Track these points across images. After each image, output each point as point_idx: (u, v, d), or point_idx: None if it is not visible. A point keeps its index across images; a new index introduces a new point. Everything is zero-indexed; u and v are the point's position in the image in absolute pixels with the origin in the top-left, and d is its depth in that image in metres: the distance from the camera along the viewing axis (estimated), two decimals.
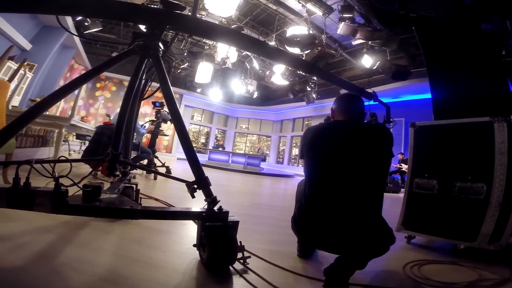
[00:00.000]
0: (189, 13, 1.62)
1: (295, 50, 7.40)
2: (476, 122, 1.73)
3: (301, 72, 8.54)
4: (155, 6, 5.35)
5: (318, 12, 7.06)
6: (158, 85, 1.42)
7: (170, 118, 4.28)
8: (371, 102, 2.00)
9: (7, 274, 0.87)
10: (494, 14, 4.62)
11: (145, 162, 4.24)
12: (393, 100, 10.58)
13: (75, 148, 7.34)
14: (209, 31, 1.72)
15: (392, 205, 4.88)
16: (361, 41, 7.11)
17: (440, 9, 5.36)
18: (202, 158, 10.49)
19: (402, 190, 6.07)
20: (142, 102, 1.91)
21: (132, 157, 3.23)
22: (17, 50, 6.32)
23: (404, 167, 7.95)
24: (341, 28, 6.61)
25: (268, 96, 15.77)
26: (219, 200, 1.19)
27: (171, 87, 1.34)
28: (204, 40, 10.06)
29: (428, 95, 2.45)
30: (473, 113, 1.80)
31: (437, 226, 1.77)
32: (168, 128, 5.02)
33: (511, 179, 1.52)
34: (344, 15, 6.50)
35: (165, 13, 1.34)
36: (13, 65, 5.49)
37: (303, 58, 7.61)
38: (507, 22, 4.33)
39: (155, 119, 4.84)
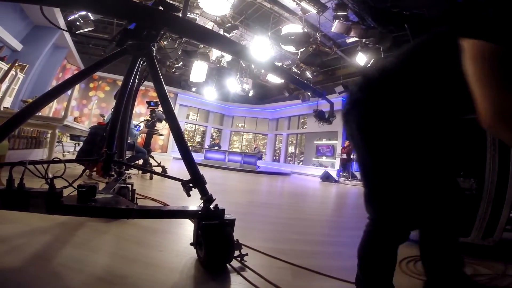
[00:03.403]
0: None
1: (290, 48, 7.42)
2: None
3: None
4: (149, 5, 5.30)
5: (312, 10, 7.08)
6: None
7: (165, 117, 4.27)
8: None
9: (4, 275, 0.87)
10: (485, 12, 4.69)
11: (140, 162, 4.22)
12: None
13: (69, 149, 7.25)
14: (207, 36, 1.73)
15: None
16: (355, 39, 7.15)
17: (432, 7, 5.41)
18: (198, 157, 10.47)
19: None
20: (136, 101, 1.90)
21: (127, 157, 3.20)
22: (7, 50, 6.22)
23: None
24: (335, 26, 6.65)
25: (264, 95, 15.77)
26: (215, 198, 1.19)
27: (165, 86, 1.34)
28: None
29: None
30: None
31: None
32: (163, 127, 5.00)
33: (502, 175, 1.55)
34: (338, 13, 6.53)
35: (164, 14, 1.33)
36: (3, 66, 5.40)
37: (298, 56, 7.62)
38: None
39: (149, 118, 4.81)
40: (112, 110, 1.54)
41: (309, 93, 10.78)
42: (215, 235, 1.11)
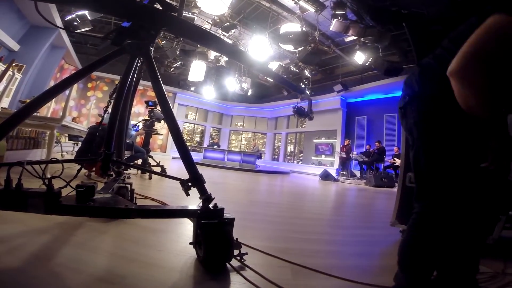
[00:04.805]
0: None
1: (289, 47, 7.42)
2: None
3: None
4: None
5: (310, 9, 7.08)
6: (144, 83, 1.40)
7: (163, 117, 4.27)
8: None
9: (4, 275, 0.86)
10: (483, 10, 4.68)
11: (139, 162, 4.22)
12: (385, 96, 10.68)
13: (68, 149, 7.23)
14: (205, 38, 1.72)
15: (387, 199, 4.95)
16: (354, 37, 7.16)
17: (431, 5, 5.41)
18: (197, 157, 10.47)
19: (397, 184, 6.14)
20: (135, 101, 1.89)
21: (126, 157, 3.19)
22: (4, 51, 6.19)
23: (398, 161, 8.06)
24: (334, 25, 6.65)
25: (263, 94, 15.77)
26: (214, 198, 1.19)
27: (164, 86, 1.33)
28: None
29: None
30: None
31: None
32: (162, 127, 4.99)
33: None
34: (336, 12, 6.54)
35: (163, 14, 1.32)
36: (0, 66, 5.38)
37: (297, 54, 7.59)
38: None
39: (148, 118, 4.81)
40: (104, 109, 1.53)
41: (307, 92, 10.78)
42: (215, 234, 1.11)
